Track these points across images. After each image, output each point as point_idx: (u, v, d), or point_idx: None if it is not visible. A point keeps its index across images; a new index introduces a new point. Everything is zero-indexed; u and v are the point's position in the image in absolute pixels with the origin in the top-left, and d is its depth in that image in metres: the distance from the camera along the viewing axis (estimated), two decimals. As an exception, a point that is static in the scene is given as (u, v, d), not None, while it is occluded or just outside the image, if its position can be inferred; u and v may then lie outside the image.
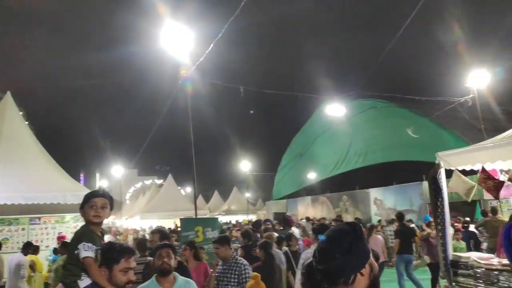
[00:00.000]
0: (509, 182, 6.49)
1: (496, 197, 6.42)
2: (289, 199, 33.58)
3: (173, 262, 3.78)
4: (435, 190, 6.79)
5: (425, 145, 17.83)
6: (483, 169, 6.34)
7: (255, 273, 4.49)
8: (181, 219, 9.09)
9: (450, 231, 6.96)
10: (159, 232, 7.42)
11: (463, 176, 6.70)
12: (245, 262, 4.86)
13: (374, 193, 23.62)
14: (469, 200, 6.86)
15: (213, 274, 4.94)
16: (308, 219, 18.44)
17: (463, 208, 18.66)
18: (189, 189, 50.94)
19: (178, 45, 10.25)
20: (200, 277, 5.08)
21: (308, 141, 30.57)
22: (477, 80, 12.03)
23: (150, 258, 5.34)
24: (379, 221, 19.50)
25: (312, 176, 32.02)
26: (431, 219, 12.07)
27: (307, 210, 29.91)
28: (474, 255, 6.41)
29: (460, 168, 6.83)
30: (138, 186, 54.57)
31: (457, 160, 6.57)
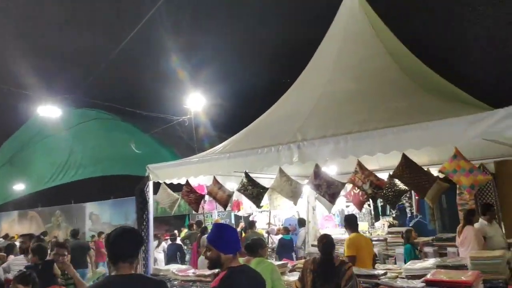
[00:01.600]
0: (210, 197, 6.91)
1: (196, 209, 6.77)
2: (-10, 214, 28.61)
3: None
4: (142, 203, 6.71)
5: (145, 160, 18.15)
6: (187, 183, 6.60)
7: None
8: None
9: (154, 244, 6.94)
10: None
11: (168, 189, 6.83)
12: None
13: (91, 207, 22.58)
14: (172, 213, 7.04)
15: None
16: (6, 236, 15.94)
17: (174, 221, 19.78)
18: None
19: None
20: None
21: (21, 147, 26.84)
22: (194, 102, 12.95)
23: None
24: (98, 234, 18.74)
25: (21, 188, 28.22)
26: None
27: (13, 226, 26.11)
28: (173, 268, 6.53)
29: (168, 182, 6.96)
30: None
31: (165, 174, 6.66)
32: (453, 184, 8.76)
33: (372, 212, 13.41)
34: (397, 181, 9.28)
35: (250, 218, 14.19)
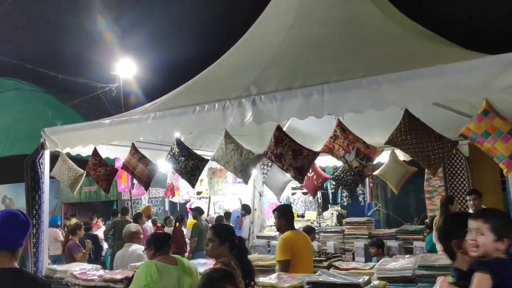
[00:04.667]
0: (127, 172, 5.17)
1: (106, 189, 4.95)
2: None
3: None
4: (34, 179, 4.88)
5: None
6: (95, 152, 4.84)
7: None
8: None
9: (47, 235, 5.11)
10: None
11: (69, 161, 5.01)
12: None
13: (4, 190, 19.79)
14: (74, 193, 5.23)
15: None
16: None
17: (101, 208, 17.60)
18: None
19: None
20: None
21: None
22: (123, 69, 11.01)
23: None
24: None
25: None
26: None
27: None
28: (73, 268, 4.79)
29: (73, 153, 5.18)
30: None
31: (66, 140, 4.85)
32: (421, 168, 7.79)
33: (320, 200, 12.33)
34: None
35: (187, 206, 12.53)
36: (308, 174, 8.43)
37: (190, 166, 4.13)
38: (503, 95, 2.94)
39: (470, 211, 5.94)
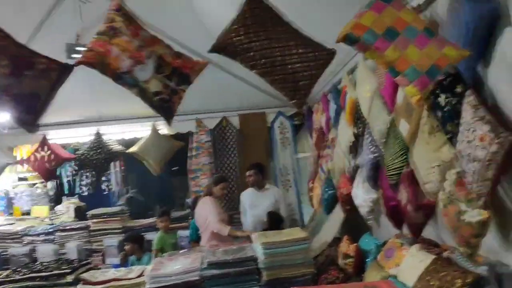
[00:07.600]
0: None
1: None
2: None
3: None
4: None
5: None
6: None
7: None
8: None
9: None
10: None
11: None
12: None
13: None
14: None
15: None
16: None
17: None
18: None
19: None
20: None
21: None
22: None
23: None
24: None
25: None
26: None
27: None
28: None
29: None
30: None
31: None
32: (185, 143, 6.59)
33: (53, 191, 9.95)
34: (110, 140, 6.37)
35: None
36: (44, 152, 6.13)
37: None
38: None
39: (250, 188, 5.27)
